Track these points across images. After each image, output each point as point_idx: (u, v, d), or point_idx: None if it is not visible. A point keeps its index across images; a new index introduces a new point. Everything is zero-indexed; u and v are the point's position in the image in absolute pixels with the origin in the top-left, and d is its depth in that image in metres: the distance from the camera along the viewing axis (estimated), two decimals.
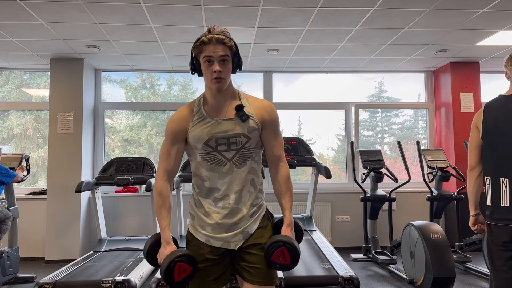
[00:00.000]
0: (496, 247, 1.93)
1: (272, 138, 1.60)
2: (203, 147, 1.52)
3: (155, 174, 4.40)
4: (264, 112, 1.58)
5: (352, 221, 5.22)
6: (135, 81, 5.44)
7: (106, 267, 3.58)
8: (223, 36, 1.46)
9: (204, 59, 1.47)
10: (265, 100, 1.62)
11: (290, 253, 1.49)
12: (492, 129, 1.95)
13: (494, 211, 1.93)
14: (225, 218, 1.53)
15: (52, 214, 4.66)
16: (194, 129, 1.53)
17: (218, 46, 1.45)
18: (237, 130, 1.52)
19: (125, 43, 4.21)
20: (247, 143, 1.54)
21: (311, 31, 3.89)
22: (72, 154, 4.72)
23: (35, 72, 5.32)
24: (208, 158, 1.53)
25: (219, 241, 1.53)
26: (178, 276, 1.44)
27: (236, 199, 1.53)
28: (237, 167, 1.53)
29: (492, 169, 1.96)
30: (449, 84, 5.12)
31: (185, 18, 3.53)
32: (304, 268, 3.32)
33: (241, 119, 1.52)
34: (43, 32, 3.85)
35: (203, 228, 1.55)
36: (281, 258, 1.48)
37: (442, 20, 3.63)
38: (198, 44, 1.47)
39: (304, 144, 4.55)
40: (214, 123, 1.53)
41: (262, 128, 1.58)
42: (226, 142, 1.52)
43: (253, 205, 1.57)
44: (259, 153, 1.62)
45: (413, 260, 3.45)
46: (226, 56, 1.47)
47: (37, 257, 4.86)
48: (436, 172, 4.32)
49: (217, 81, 1.48)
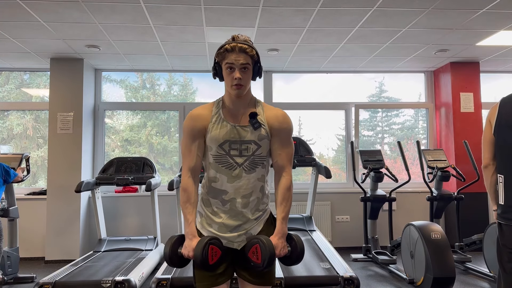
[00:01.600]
0: (506, 249, 1.85)
1: (279, 147, 1.63)
2: (217, 149, 1.58)
3: (155, 174, 4.43)
4: (275, 120, 1.62)
5: (352, 221, 5.22)
6: (135, 81, 5.45)
7: (106, 267, 3.59)
8: (245, 45, 1.53)
9: (226, 66, 1.55)
10: (279, 110, 1.66)
11: (262, 253, 1.48)
12: (505, 125, 1.87)
13: (506, 210, 1.86)
14: (231, 219, 1.60)
15: (52, 214, 4.67)
16: (212, 130, 1.58)
17: (241, 54, 1.53)
18: (249, 137, 1.58)
19: (125, 43, 4.21)
20: (258, 151, 1.59)
21: (311, 31, 3.90)
22: (72, 154, 4.73)
23: (35, 72, 5.32)
24: (220, 161, 1.59)
25: (224, 240, 1.60)
26: (211, 258, 1.49)
27: (243, 204, 1.59)
28: (246, 172, 1.59)
29: (504, 167, 1.88)
30: (449, 84, 5.13)
31: (185, 18, 3.53)
32: (304, 268, 3.32)
33: (254, 127, 1.58)
34: (43, 32, 3.86)
35: (210, 226, 1.63)
36: (254, 256, 1.50)
37: (442, 20, 3.64)
38: (221, 51, 1.55)
39: (304, 144, 4.56)
40: (230, 128, 1.59)
41: (271, 136, 1.62)
42: (238, 147, 1.58)
43: (258, 210, 1.63)
44: (269, 161, 1.66)
45: (413, 260, 3.45)
46: (247, 65, 1.54)
47: (37, 257, 4.87)
48: (436, 172, 4.32)
49: (237, 87, 1.54)
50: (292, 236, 1.62)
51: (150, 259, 3.97)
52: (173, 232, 4.98)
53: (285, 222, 1.60)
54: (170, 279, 3.16)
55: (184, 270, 3.38)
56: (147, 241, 4.44)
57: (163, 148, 5.46)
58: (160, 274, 3.30)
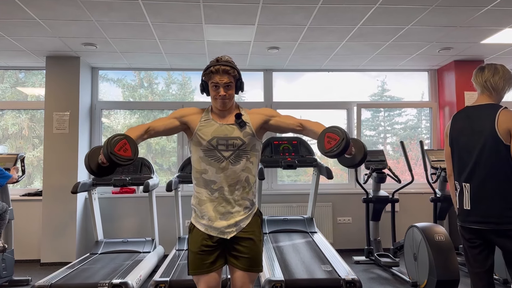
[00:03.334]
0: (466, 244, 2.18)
1: (281, 122, 1.94)
2: (207, 144, 1.86)
3: (153, 174, 4.43)
4: (256, 115, 1.94)
5: (354, 223, 5.21)
6: (133, 80, 5.44)
7: (102, 270, 3.58)
8: (228, 67, 1.83)
9: (212, 85, 1.85)
10: (259, 108, 1.99)
11: (337, 134, 1.68)
12: (456, 138, 2.19)
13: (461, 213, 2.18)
14: (220, 206, 1.87)
15: (47, 216, 4.66)
16: (202, 128, 1.88)
17: (224, 75, 1.82)
18: (234, 134, 1.87)
19: (122, 41, 4.21)
20: (242, 146, 1.88)
21: (312, 29, 3.89)
22: (68, 154, 4.72)
23: (31, 71, 5.31)
24: (209, 155, 1.87)
25: (216, 230, 1.86)
26: (118, 149, 1.58)
27: (230, 191, 1.87)
28: (232, 165, 1.86)
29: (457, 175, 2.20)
30: (453, 82, 5.12)
31: (183, 15, 3.53)
32: (305, 270, 3.32)
33: (239, 125, 1.88)
34: (39, 30, 3.85)
35: (202, 218, 1.89)
36: (332, 141, 1.68)
37: (446, 17, 3.63)
38: (207, 73, 1.85)
39: (305, 144, 4.55)
40: (218, 126, 1.88)
41: (260, 128, 1.93)
42: (225, 143, 1.86)
43: (244, 198, 1.89)
44: (254, 155, 1.93)
45: (417, 262, 3.45)
46: (230, 83, 1.85)
47: (32, 259, 4.86)
48: (440, 173, 4.31)
49: (222, 102, 1.86)
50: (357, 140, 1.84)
51: (148, 262, 3.96)
52: (171, 234, 4.97)
53: None
54: (169, 281, 3.15)
55: (183, 273, 3.38)
56: (144, 243, 4.44)
57: (161, 148, 5.45)
58: (158, 276, 3.29)
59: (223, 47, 4.43)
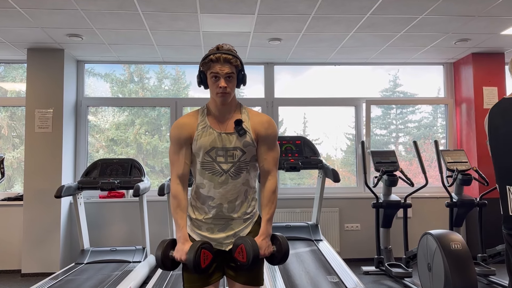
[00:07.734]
0: None
1: (265, 151, 1.88)
2: (204, 156, 1.81)
3: (144, 177, 4.43)
4: (260, 127, 1.86)
5: (363, 230, 5.22)
6: (122, 74, 5.45)
7: (89, 281, 3.58)
8: (230, 56, 1.76)
9: (211, 75, 1.77)
10: (264, 116, 1.90)
11: (247, 252, 1.74)
12: (496, 135, 2.07)
13: (506, 220, 2.06)
14: (218, 220, 1.85)
15: (29, 222, 4.66)
16: (199, 138, 1.82)
17: (225, 64, 1.75)
18: (234, 144, 1.82)
19: (110, 32, 4.21)
20: (243, 157, 1.83)
21: (317, 18, 3.90)
22: (51, 155, 4.73)
23: (10, 64, 5.32)
24: (207, 167, 1.82)
25: (213, 242, 1.84)
26: (203, 262, 1.75)
27: (229, 208, 1.84)
28: (232, 179, 1.82)
29: (499, 176, 2.07)
30: (471, 77, 5.12)
31: (177, 4, 3.53)
32: (310, 281, 3.32)
33: (239, 134, 1.82)
34: (19, 20, 3.86)
35: (199, 228, 1.87)
36: (240, 256, 1.76)
37: (463, 6, 3.63)
38: (206, 62, 1.77)
39: (309, 144, 4.55)
40: (216, 135, 1.82)
41: (257, 142, 1.86)
42: (224, 154, 1.82)
43: (245, 213, 1.87)
44: (254, 165, 1.90)
45: (431, 273, 3.45)
46: (232, 74, 1.78)
47: (12, 269, 4.86)
48: (456, 176, 4.32)
49: (222, 95, 1.78)
50: (277, 237, 1.88)
51: (139, 272, 3.96)
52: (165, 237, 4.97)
53: (269, 223, 1.86)
54: None
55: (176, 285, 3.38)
56: (135, 252, 4.44)
57: (153, 148, 5.46)
58: None
59: (220, 38, 4.43)
